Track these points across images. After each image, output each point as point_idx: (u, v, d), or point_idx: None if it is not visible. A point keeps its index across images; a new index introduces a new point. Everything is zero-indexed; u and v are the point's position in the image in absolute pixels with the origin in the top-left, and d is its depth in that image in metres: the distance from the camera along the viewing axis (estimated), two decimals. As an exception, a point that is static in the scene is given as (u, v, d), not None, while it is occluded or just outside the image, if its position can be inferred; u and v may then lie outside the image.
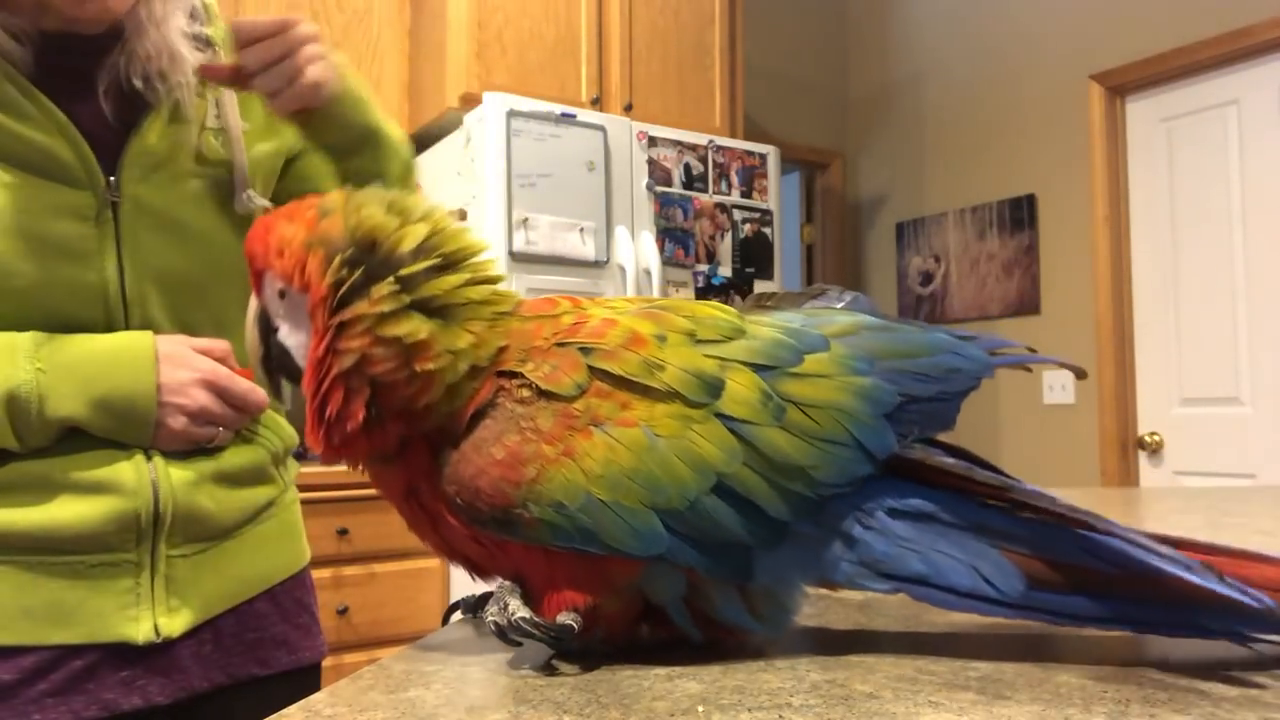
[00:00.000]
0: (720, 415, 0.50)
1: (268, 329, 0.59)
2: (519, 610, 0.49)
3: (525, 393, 0.51)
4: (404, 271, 0.51)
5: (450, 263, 0.53)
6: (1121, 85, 3.43)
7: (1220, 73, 3.18)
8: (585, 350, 0.51)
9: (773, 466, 0.49)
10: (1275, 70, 3.05)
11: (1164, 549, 0.45)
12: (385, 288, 0.51)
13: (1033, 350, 0.56)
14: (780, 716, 0.41)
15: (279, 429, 0.93)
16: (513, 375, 0.52)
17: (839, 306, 0.59)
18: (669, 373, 0.50)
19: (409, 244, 0.52)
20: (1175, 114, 3.32)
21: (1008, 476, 0.50)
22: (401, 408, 0.51)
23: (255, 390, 0.84)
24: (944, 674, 0.47)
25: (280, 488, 0.93)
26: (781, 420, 0.50)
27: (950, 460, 0.51)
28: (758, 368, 0.51)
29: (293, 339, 0.57)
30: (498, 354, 0.52)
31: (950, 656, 0.50)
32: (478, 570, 0.57)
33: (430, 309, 0.51)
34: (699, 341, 0.52)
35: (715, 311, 0.55)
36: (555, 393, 0.50)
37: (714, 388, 0.50)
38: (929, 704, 0.42)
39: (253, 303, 0.60)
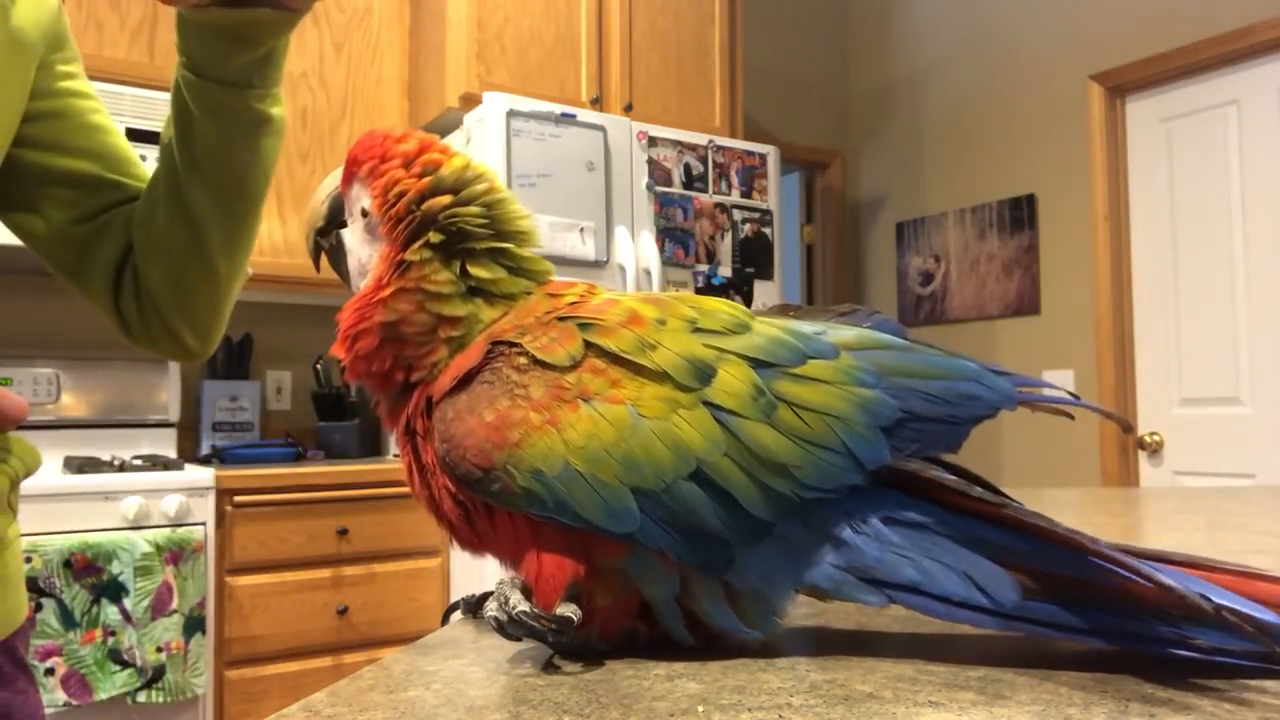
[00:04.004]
0: (708, 403, 0.50)
1: (338, 214, 0.64)
2: (519, 604, 0.49)
3: (522, 360, 0.52)
4: (472, 269, 0.57)
5: (502, 249, 0.59)
6: (1121, 85, 3.43)
7: (1220, 73, 3.18)
8: (584, 325, 0.53)
9: (755, 461, 0.49)
10: (1275, 70, 3.05)
11: (1165, 580, 0.43)
12: (449, 273, 0.57)
13: (1075, 396, 0.54)
14: (780, 716, 0.41)
15: (23, 449, 0.77)
16: (512, 345, 0.53)
17: (865, 325, 0.58)
18: (661, 354, 0.51)
19: (483, 245, 0.58)
20: (1175, 114, 3.32)
21: (1006, 496, 0.50)
22: (411, 361, 0.57)
23: (10, 396, 0.70)
24: (944, 674, 0.47)
25: (10, 519, 0.76)
26: (771, 417, 0.50)
27: (948, 475, 0.50)
28: (755, 363, 0.51)
29: (356, 247, 0.63)
30: (491, 323, 0.57)
31: (950, 656, 0.50)
32: (455, 534, 0.57)
33: (476, 292, 0.58)
34: (699, 330, 0.53)
35: (723, 306, 0.55)
36: (550, 363, 0.52)
37: (705, 374, 0.50)
38: (929, 704, 0.42)
39: (334, 179, 0.63)
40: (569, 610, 0.49)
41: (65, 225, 0.84)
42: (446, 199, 0.58)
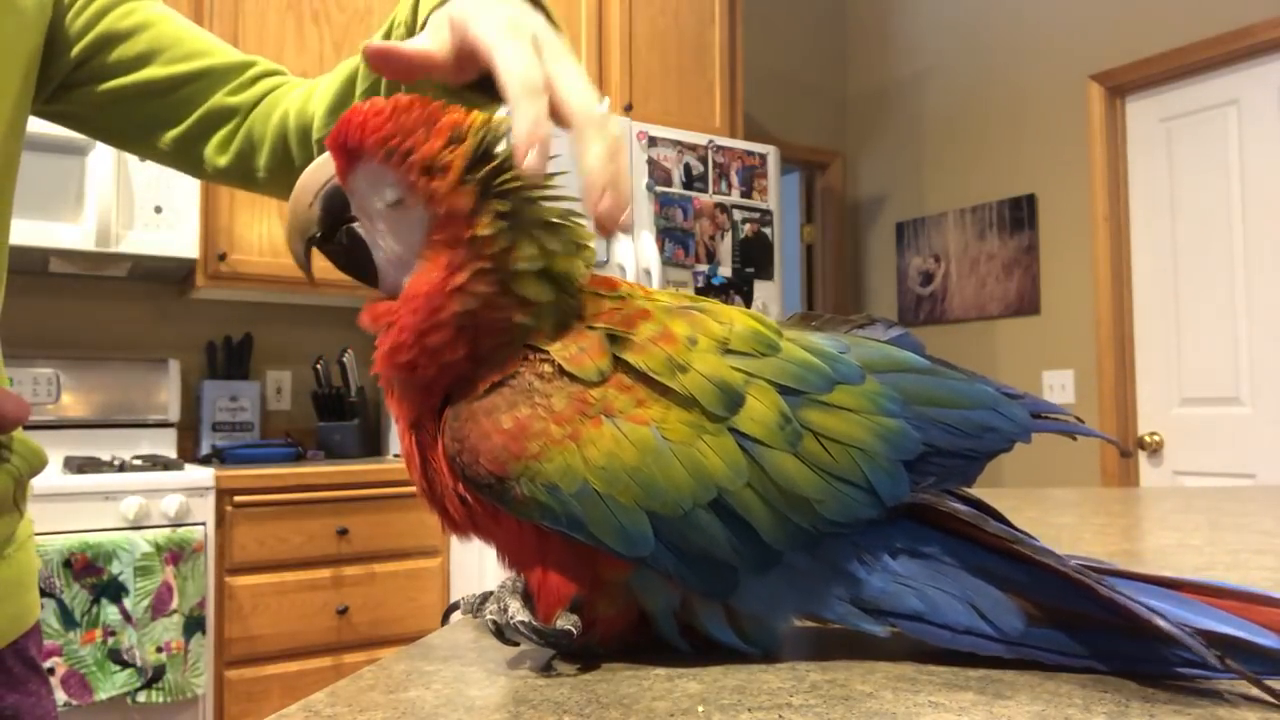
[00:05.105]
0: (734, 430, 0.49)
1: (340, 211, 0.55)
2: (518, 614, 0.49)
3: (547, 368, 0.51)
4: (549, 245, 0.52)
5: (559, 225, 0.53)
6: (1121, 85, 3.43)
7: (1220, 73, 3.19)
8: (614, 339, 0.51)
9: (778, 492, 0.48)
10: (1275, 70, 3.05)
11: (1169, 626, 0.42)
12: (530, 249, 0.51)
13: (1080, 420, 0.54)
14: (780, 716, 0.41)
15: (27, 448, 0.75)
16: (538, 350, 0.51)
17: (883, 339, 0.57)
18: (691, 377, 0.49)
19: (550, 214, 0.53)
20: (1175, 114, 3.32)
21: (1018, 530, 0.49)
22: (485, 352, 0.52)
23: (13, 398, 0.67)
24: (944, 674, 0.47)
25: (18, 519, 0.74)
26: (796, 447, 0.49)
27: (962, 507, 0.50)
28: (783, 389, 0.50)
29: (386, 242, 0.54)
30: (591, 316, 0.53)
31: (950, 657, 0.50)
32: (451, 525, 0.55)
33: (550, 275, 0.52)
34: (729, 351, 0.51)
35: (754, 323, 0.53)
36: (576, 375, 0.50)
37: (733, 401, 0.49)
38: (929, 704, 0.42)
39: (321, 172, 0.55)
40: (569, 623, 0.49)
41: (167, 134, 0.83)
42: (494, 160, 0.52)
